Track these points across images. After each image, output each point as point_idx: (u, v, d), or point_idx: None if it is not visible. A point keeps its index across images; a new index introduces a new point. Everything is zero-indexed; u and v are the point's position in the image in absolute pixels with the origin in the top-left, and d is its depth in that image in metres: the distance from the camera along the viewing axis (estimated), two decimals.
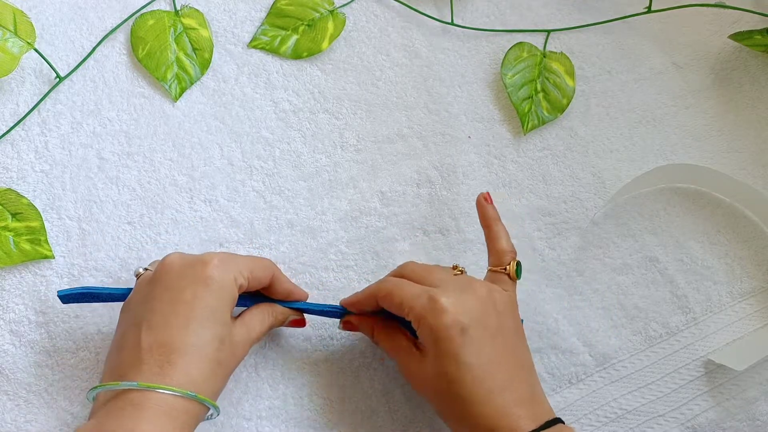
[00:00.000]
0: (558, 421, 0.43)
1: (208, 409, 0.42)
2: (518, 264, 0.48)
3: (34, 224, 0.53)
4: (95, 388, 0.41)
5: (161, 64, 0.57)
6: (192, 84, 0.57)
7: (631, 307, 0.55)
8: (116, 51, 0.58)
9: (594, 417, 0.53)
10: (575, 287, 0.56)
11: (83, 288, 0.48)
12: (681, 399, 0.54)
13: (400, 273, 0.48)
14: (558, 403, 0.53)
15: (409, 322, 0.45)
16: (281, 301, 0.49)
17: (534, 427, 0.42)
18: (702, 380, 0.54)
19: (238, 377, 0.51)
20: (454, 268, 0.48)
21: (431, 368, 0.44)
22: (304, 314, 0.50)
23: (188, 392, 0.40)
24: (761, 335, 0.55)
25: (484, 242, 0.56)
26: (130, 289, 0.48)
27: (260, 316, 0.47)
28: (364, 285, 0.54)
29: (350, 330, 0.50)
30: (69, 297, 0.48)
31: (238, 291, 0.44)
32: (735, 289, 0.56)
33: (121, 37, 0.58)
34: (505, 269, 0.48)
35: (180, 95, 0.57)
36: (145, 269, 0.48)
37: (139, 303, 0.44)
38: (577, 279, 0.56)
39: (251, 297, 0.48)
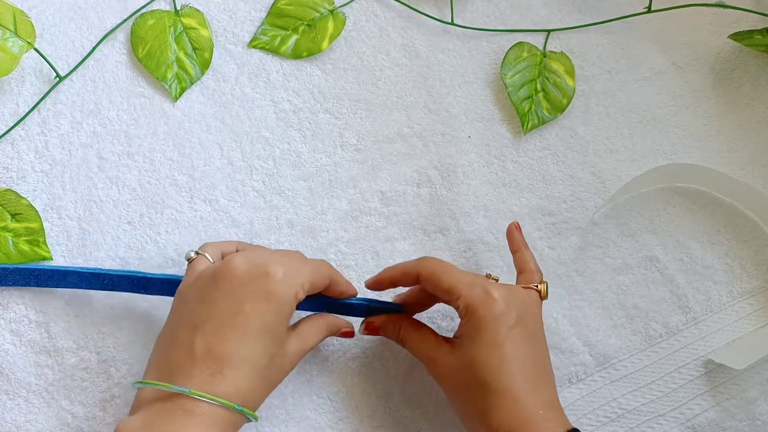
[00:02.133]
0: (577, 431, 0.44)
1: (249, 419, 0.42)
2: (546, 285, 0.50)
3: (33, 225, 0.53)
4: (144, 383, 0.41)
5: (161, 64, 0.57)
6: (192, 84, 0.57)
7: (631, 307, 0.56)
8: (116, 51, 0.58)
9: (594, 417, 0.53)
10: (575, 287, 0.56)
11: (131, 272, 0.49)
12: (681, 399, 0.54)
13: (431, 264, 0.48)
14: None
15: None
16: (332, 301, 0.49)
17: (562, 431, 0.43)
18: (702, 380, 0.54)
19: None
20: (487, 276, 0.49)
21: (465, 357, 0.44)
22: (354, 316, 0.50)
23: (236, 405, 0.40)
24: (761, 334, 0.55)
25: (484, 242, 0.56)
26: (176, 279, 0.48)
27: (316, 328, 0.47)
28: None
29: (371, 334, 0.50)
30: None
31: (297, 303, 0.44)
32: (735, 288, 0.56)
33: (121, 37, 0.58)
34: (537, 287, 0.49)
35: (180, 95, 0.57)
36: (197, 253, 0.47)
37: (196, 301, 0.43)
38: (577, 279, 0.56)
39: (307, 299, 0.48)
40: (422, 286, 0.48)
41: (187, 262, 0.47)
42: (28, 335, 0.51)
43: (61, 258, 0.53)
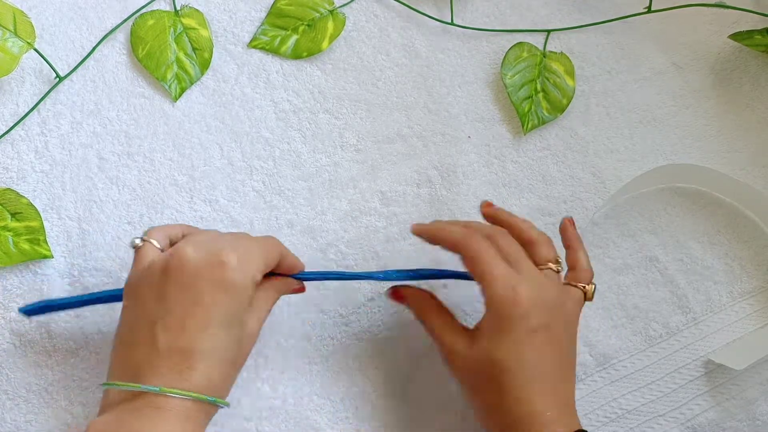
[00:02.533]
0: None
1: (221, 406, 0.42)
2: (594, 286, 0.48)
3: (33, 224, 0.53)
4: (112, 384, 0.41)
5: (161, 64, 0.57)
6: (192, 84, 0.57)
7: (631, 307, 0.56)
8: (116, 51, 0.58)
9: (594, 417, 0.53)
10: None
11: (46, 301, 0.48)
12: (681, 399, 0.54)
13: (492, 234, 0.47)
14: None
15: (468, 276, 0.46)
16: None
17: None
18: (702, 380, 0.54)
19: (238, 378, 0.51)
20: (557, 262, 0.48)
21: (483, 352, 0.44)
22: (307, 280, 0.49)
23: (209, 397, 0.40)
24: (761, 335, 0.55)
25: None
26: (105, 294, 0.47)
27: (264, 295, 0.46)
28: (364, 284, 0.54)
29: (397, 301, 0.50)
30: (32, 311, 0.48)
31: (255, 286, 0.44)
32: (735, 289, 0.56)
33: (121, 37, 0.58)
34: (584, 287, 0.48)
35: (180, 95, 0.57)
36: (142, 240, 0.45)
37: (151, 296, 0.42)
38: None
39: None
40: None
41: (133, 250, 0.46)
42: (28, 335, 0.51)
43: (61, 258, 0.53)
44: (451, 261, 0.48)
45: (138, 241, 0.46)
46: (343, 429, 0.51)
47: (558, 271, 0.47)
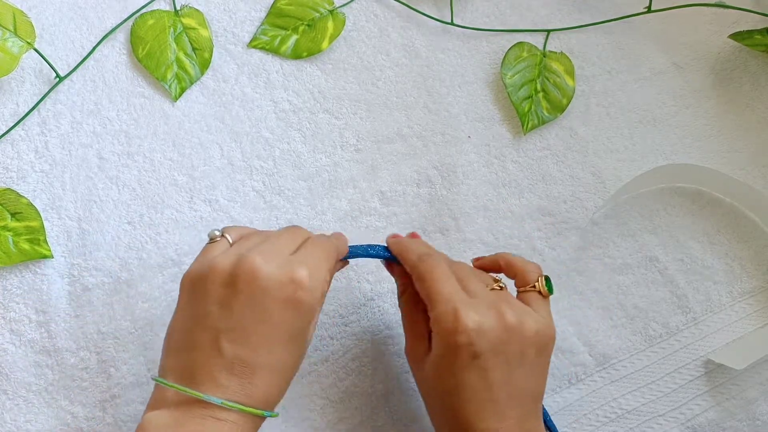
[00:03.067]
0: None
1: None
2: (547, 279, 0.46)
3: (33, 224, 0.53)
4: (170, 385, 0.40)
5: (161, 64, 0.57)
6: (192, 84, 0.57)
7: (631, 307, 0.56)
8: (116, 51, 0.58)
9: (594, 417, 0.53)
10: (575, 287, 0.56)
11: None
12: (681, 399, 0.54)
13: (449, 262, 0.46)
14: (558, 403, 0.53)
15: None
16: None
17: None
18: (702, 380, 0.54)
19: None
20: (495, 281, 0.46)
21: (431, 370, 0.43)
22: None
23: (266, 413, 0.40)
24: (761, 334, 0.55)
25: (484, 242, 0.56)
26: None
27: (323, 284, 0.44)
28: (364, 284, 0.54)
29: (387, 269, 0.49)
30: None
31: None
32: (735, 289, 0.56)
33: (121, 37, 0.58)
34: (534, 286, 0.45)
35: (180, 95, 0.57)
36: (222, 235, 0.44)
37: (214, 302, 0.41)
38: (577, 279, 0.56)
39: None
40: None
41: (208, 239, 0.45)
42: (28, 335, 0.51)
43: (61, 258, 0.53)
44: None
45: (217, 233, 0.44)
46: (343, 429, 0.51)
47: (501, 288, 0.45)
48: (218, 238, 0.44)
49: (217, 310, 0.40)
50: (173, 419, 0.39)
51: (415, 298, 0.46)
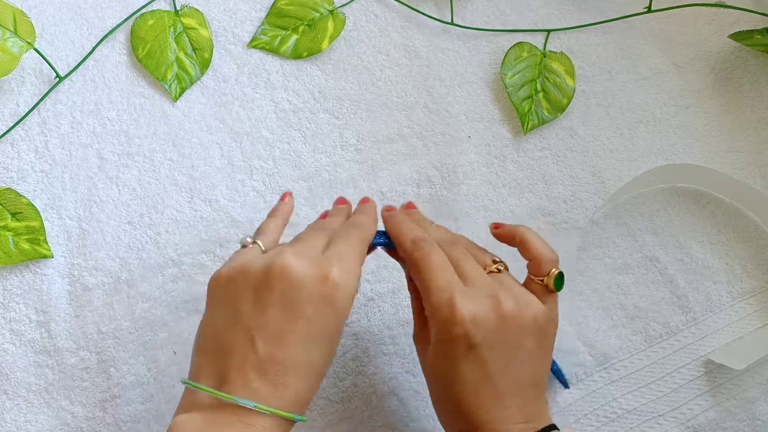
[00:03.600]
0: (554, 427, 0.42)
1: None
2: (559, 275, 0.44)
3: (33, 224, 0.53)
4: (200, 387, 0.39)
5: (161, 64, 0.57)
6: (192, 84, 0.57)
7: (631, 307, 0.56)
8: (116, 51, 0.58)
9: (594, 417, 0.53)
10: (575, 287, 0.56)
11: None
12: (681, 399, 0.54)
13: (449, 238, 0.45)
14: (558, 403, 0.53)
15: None
16: None
17: None
18: (702, 380, 0.54)
19: None
20: (494, 262, 0.44)
21: (432, 358, 0.43)
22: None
23: (297, 417, 0.39)
24: (761, 334, 0.55)
25: (484, 242, 0.56)
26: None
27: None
28: (364, 284, 0.54)
29: (392, 257, 0.48)
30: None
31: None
32: (735, 289, 0.56)
33: (121, 37, 0.58)
34: (542, 280, 0.44)
35: (180, 95, 0.57)
36: (253, 242, 0.44)
37: (247, 301, 0.40)
38: (577, 279, 0.56)
39: None
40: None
41: (240, 246, 0.44)
42: (28, 335, 0.51)
43: (61, 258, 0.53)
44: None
45: (249, 240, 0.44)
46: (343, 429, 0.51)
47: (500, 270, 0.44)
48: (250, 245, 0.44)
49: (251, 310, 0.40)
50: (205, 425, 0.38)
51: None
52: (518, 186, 0.58)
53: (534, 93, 0.59)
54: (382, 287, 0.54)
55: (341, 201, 0.49)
